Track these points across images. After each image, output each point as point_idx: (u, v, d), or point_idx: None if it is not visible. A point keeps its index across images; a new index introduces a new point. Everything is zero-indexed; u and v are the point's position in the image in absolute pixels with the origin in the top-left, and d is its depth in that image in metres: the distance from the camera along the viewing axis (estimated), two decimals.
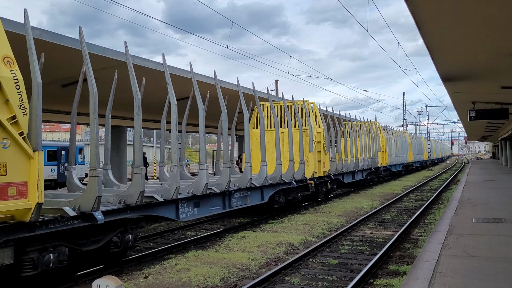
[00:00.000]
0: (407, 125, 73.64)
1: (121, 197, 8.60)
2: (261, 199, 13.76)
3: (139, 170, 8.57)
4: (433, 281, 5.97)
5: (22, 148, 6.36)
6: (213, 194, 11.28)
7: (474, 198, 15.62)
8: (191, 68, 11.37)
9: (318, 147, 18.23)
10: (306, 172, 16.86)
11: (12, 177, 6.22)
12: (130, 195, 8.55)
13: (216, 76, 12.24)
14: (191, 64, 11.34)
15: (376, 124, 31.73)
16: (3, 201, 6.12)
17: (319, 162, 18.26)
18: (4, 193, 6.12)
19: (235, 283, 7.80)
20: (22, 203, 6.36)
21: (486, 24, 8.23)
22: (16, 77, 6.37)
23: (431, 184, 30.72)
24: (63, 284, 7.83)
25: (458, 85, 15.20)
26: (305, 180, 16.92)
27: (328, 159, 19.72)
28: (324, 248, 10.52)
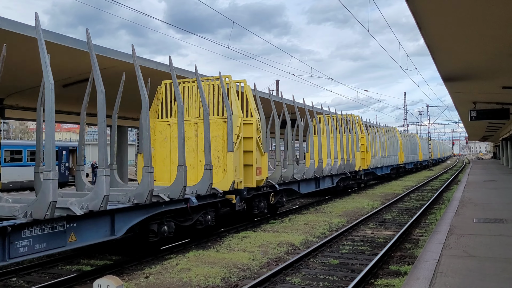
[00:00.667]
0: (408, 125, 73.69)
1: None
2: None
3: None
4: (434, 281, 5.97)
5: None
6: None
7: (475, 198, 15.61)
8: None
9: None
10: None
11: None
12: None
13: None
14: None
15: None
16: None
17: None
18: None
19: (236, 283, 7.80)
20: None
21: (487, 24, 8.22)
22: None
23: (432, 184, 30.71)
24: (65, 283, 7.86)
25: (459, 85, 15.19)
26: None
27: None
28: (325, 248, 10.53)
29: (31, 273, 8.86)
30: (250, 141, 12.83)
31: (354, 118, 25.44)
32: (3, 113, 14.84)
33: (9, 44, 8.81)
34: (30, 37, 8.88)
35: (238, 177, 12.06)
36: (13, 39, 8.98)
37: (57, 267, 9.26)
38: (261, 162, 13.29)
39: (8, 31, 8.67)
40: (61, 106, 15.97)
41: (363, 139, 26.03)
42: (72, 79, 12.81)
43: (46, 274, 8.84)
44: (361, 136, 25.77)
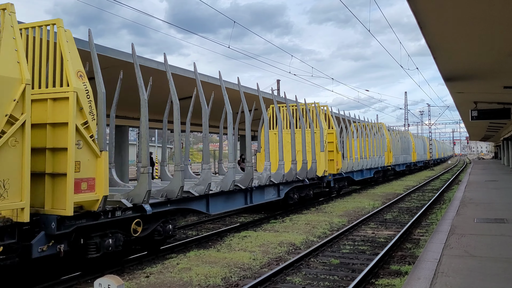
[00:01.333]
0: (409, 125, 73.61)
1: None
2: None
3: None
4: (435, 281, 5.96)
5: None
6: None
7: (476, 198, 15.60)
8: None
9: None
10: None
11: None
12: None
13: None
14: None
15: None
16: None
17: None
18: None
19: (236, 282, 7.80)
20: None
21: (488, 24, 8.21)
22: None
23: (433, 184, 30.69)
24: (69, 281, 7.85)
25: (460, 85, 15.17)
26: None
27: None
28: (326, 248, 10.52)
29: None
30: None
31: (319, 108, 19.05)
32: None
33: None
34: None
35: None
36: None
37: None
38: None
39: None
40: None
41: (331, 136, 20.11)
42: None
43: (47, 273, 8.83)
44: (329, 132, 19.93)
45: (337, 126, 20.80)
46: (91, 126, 7.58)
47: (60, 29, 7.61)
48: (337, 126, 20.80)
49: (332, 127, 20.44)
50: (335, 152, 20.08)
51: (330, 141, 19.81)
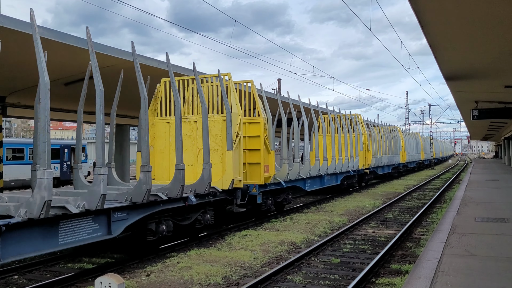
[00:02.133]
0: (410, 124, 73.59)
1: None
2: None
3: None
4: (435, 280, 5.96)
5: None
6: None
7: (477, 197, 15.59)
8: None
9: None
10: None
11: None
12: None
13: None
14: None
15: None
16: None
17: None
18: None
19: (237, 281, 7.81)
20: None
21: (489, 23, 8.20)
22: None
23: (433, 183, 30.68)
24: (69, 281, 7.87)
25: (461, 84, 15.16)
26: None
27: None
28: (326, 247, 10.52)
29: (33, 271, 8.88)
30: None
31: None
32: (5, 111, 14.87)
33: (11, 42, 8.81)
34: (31, 35, 8.89)
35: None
36: (13, 37, 8.98)
37: (59, 265, 9.27)
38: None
39: (9, 29, 8.67)
40: (63, 104, 16.02)
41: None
42: (74, 78, 12.81)
43: (48, 272, 8.85)
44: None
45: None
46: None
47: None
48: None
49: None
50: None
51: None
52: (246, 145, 13.44)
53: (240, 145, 12.24)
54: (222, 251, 10.01)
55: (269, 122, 13.89)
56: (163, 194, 9.46)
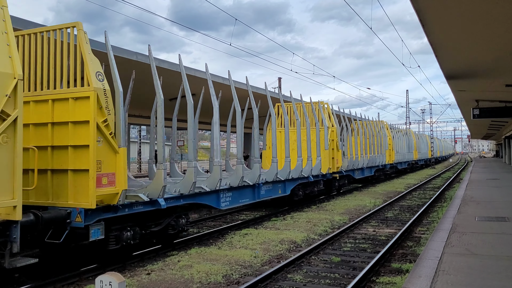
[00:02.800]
0: (410, 123, 73.55)
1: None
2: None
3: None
4: (436, 279, 5.96)
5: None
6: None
7: (477, 196, 15.58)
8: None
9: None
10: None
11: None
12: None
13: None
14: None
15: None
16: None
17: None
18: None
19: (237, 280, 7.81)
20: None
21: (490, 22, 8.19)
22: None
23: (434, 182, 30.68)
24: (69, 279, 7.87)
25: (462, 83, 15.15)
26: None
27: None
28: (327, 245, 10.53)
29: (34, 268, 8.87)
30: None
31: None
32: None
33: None
34: None
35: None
36: None
37: (60, 264, 9.27)
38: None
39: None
40: None
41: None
42: None
43: (49, 270, 8.85)
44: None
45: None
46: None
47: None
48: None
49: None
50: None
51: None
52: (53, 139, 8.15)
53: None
54: (223, 250, 10.02)
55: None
56: None
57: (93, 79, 7.70)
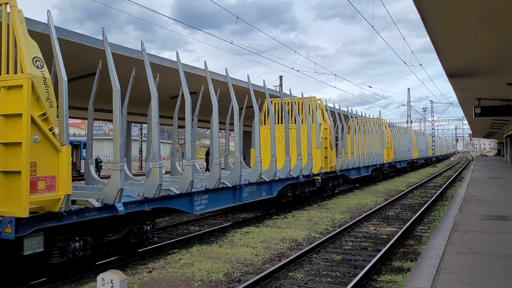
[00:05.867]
0: (412, 122, 73.44)
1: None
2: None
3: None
4: (437, 277, 5.96)
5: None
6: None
7: (479, 195, 15.57)
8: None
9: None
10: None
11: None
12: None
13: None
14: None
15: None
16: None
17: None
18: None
19: (238, 278, 7.82)
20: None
21: (492, 20, 8.18)
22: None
23: (435, 181, 30.66)
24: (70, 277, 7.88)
25: (463, 82, 15.13)
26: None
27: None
28: (328, 244, 10.53)
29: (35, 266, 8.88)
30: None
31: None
32: None
33: None
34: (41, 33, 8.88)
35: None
36: None
37: None
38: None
39: None
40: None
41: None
42: (76, 74, 12.82)
43: (50, 268, 8.86)
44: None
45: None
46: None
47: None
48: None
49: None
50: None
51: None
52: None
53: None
54: (224, 248, 10.03)
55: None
56: None
57: (28, 65, 6.52)
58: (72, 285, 7.68)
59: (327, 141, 18.66)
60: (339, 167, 20.72)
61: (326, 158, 18.54)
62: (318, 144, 17.46)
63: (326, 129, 18.63)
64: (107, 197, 7.93)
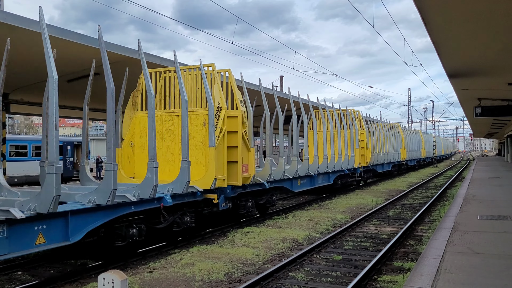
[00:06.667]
0: (412, 122, 73.46)
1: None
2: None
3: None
4: (437, 277, 5.97)
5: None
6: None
7: (479, 195, 15.57)
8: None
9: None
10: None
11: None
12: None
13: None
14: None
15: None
16: None
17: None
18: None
19: (239, 278, 7.83)
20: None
21: (493, 20, 8.18)
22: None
23: (436, 181, 30.65)
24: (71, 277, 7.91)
25: (464, 82, 15.14)
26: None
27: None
28: (328, 244, 10.54)
29: (36, 267, 8.92)
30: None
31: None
32: (9, 108, 14.91)
33: (15, 38, 8.83)
34: (36, 32, 8.90)
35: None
36: (18, 34, 9.00)
37: (62, 261, 9.31)
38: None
39: (13, 25, 8.69)
40: (66, 101, 16.03)
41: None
42: (77, 74, 12.84)
43: (51, 268, 8.89)
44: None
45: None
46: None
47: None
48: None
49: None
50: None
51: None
52: None
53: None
54: (225, 248, 10.04)
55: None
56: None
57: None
58: (73, 285, 7.70)
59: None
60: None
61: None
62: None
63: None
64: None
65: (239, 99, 11.90)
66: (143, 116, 11.78)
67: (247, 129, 12.19)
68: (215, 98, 11.09)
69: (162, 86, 12.23)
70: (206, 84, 10.78)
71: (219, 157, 10.95)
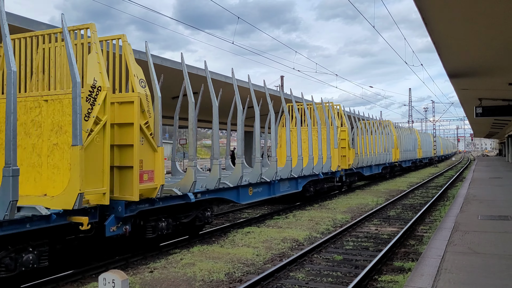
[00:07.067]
0: (413, 122, 73.37)
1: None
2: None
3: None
4: (438, 277, 5.97)
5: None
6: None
7: (480, 195, 15.57)
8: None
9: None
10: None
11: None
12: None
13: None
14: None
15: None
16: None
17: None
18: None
19: (240, 278, 7.84)
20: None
21: (492, 20, 8.18)
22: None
23: (436, 181, 30.64)
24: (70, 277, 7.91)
25: (464, 82, 15.13)
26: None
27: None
28: (329, 244, 10.54)
29: None
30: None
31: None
32: None
33: None
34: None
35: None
36: None
37: (62, 261, 9.31)
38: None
39: None
40: None
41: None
42: None
43: (52, 267, 8.89)
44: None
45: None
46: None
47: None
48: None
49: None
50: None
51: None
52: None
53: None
54: (225, 248, 10.04)
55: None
56: None
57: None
58: (74, 285, 7.71)
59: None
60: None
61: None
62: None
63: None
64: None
65: (137, 78, 8.50)
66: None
67: (150, 120, 8.61)
68: (89, 72, 7.55)
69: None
70: (69, 50, 7.33)
71: (93, 160, 7.48)
